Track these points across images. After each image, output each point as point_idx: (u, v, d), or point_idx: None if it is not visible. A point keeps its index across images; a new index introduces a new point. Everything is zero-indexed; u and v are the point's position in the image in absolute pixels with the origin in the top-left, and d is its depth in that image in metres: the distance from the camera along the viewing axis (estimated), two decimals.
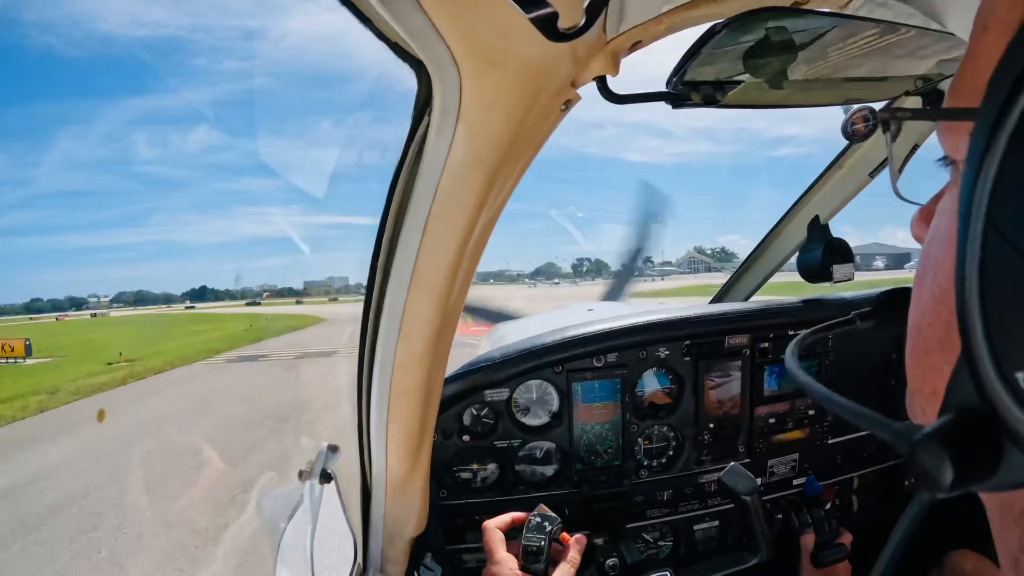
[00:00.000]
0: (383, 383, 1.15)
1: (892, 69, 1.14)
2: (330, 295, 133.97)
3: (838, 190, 2.15)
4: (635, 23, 0.78)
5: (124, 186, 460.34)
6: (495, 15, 0.66)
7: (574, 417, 1.70)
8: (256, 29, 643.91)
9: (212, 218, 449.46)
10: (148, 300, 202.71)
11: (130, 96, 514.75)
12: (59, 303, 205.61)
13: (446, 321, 1.09)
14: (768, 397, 1.83)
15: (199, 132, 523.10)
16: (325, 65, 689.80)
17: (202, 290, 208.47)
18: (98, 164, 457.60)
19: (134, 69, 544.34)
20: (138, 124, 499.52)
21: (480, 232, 0.99)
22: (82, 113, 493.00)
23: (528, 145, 0.90)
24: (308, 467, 1.39)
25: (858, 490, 1.97)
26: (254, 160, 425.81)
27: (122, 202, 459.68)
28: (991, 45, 0.34)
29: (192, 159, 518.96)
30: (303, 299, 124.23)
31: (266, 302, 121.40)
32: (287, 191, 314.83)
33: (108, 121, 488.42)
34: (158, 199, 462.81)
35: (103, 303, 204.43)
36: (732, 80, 0.99)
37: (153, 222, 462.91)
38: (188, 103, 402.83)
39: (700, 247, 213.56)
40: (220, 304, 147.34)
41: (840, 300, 1.92)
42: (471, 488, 1.69)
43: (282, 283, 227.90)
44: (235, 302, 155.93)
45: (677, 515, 1.80)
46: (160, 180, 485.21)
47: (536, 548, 1.21)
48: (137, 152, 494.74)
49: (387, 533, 1.38)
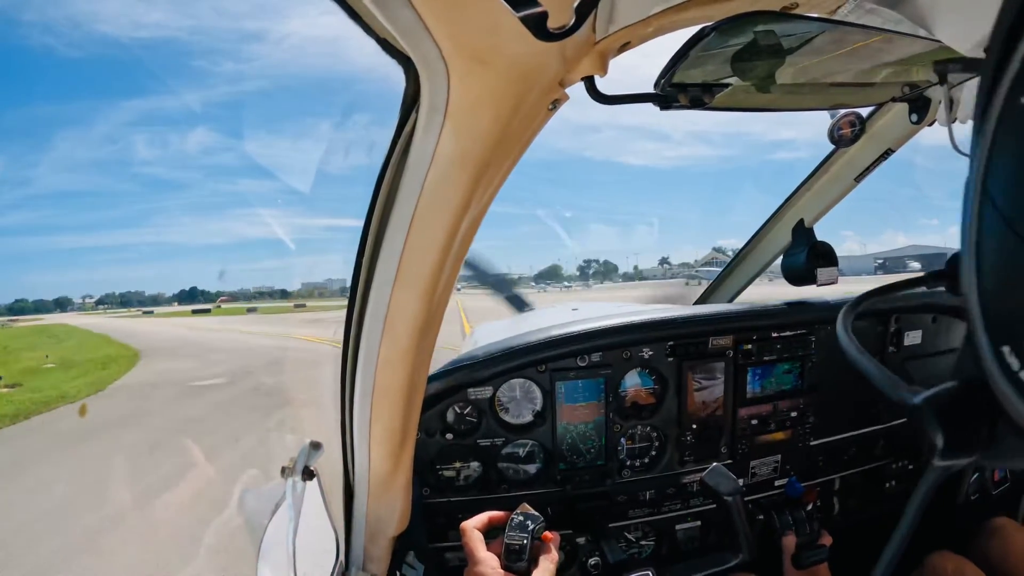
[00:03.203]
0: (367, 381, 1.14)
1: (879, 75, 1.14)
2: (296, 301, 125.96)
3: (823, 194, 2.18)
4: (624, 24, 0.77)
5: (123, 187, 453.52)
6: (485, 13, 0.66)
7: (557, 416, 1.70)
8: (253, 32, 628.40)
9: (210, 219, 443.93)
10: (135, 302, 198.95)
11: (129, 97, 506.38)
12: (44, 304, 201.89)
13: (430, 319, 1.08)
14: (751, 398, 1.84)
15: (197, 134, 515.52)
16: (318, 65, 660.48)
17: (192, 291, 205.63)
18: (96, 165, 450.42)
19: (134, 70, 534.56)
20: (136, 125, 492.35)
21: (466, 230, 0.99)
22: (80, 114, 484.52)
23: (515, 144, 0.90)
24: (290, 464, 1.38)
25: (839, 492, 2.00)
26: (254, 160, 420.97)
27: (121, 203, 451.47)
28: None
29: (191, 160, 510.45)
30: (255, 304, 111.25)
31: (221, 310, 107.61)
32: (277, 191, 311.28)
33: (107, 122, 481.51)
34: (156, 200, 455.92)
35: (88, 304, 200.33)
36: (720, 83, 0.99)
37: (152, 223, 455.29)
38: (185, 103, 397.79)
39: (720, 247, 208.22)
40: (169, 310, 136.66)
41: (824, 303, 1.93)
42: (454, 486, 1.68)
43: (277, 284, 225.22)
44: (182, 307, 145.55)
45: (659, 515, 1.81)
46: (158, 181, 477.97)
47: (519, 546, 1.21)
48: (135, 153, 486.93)
49: (370, 531, 1.37)
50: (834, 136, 1.61)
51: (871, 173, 2.08)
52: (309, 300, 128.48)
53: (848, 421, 1.96)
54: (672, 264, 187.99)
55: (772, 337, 1.84)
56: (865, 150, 1.99)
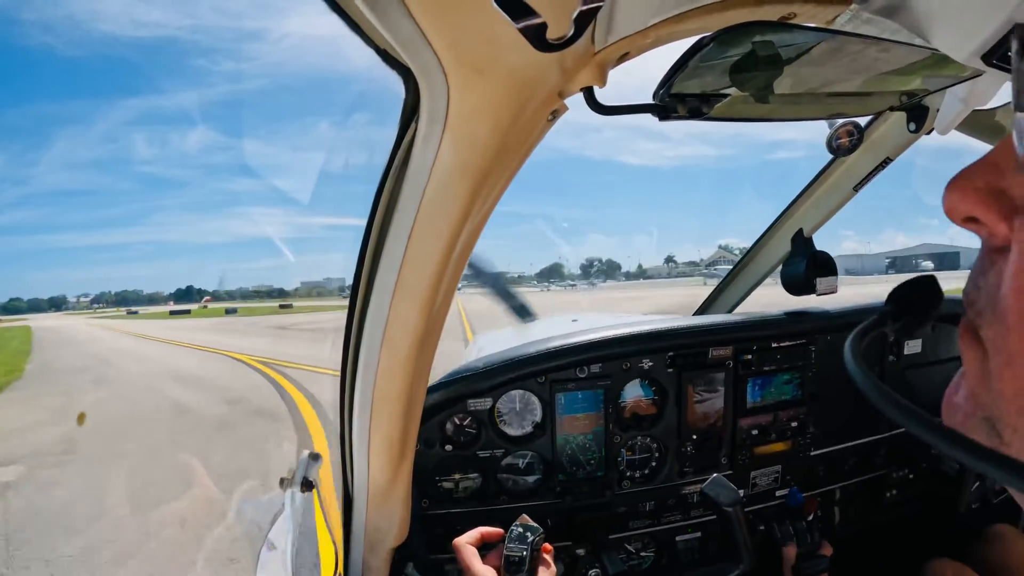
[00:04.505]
0: (366, 391, 1.14)
1: (877, 85, 1.15)
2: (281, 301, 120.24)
3: (822, 203, 2.18)
4: (623, 35, 0.78)
5: (122, 186, 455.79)
6: (484, 23, 0.66)
7: (557, 427, 1.69)
8: (254, 31, 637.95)
9: (209, 218, 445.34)
10: (131, 300, 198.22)
11: (128, 96, 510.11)
12: (38, 303, 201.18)
13: (429, 329, 1.08)
14: (751, 409, 1.83)
15: (196, 132, 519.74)
16: (319, 71, 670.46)
17: (188, 290, 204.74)
18: (95, 163, 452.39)
19: (133, 69, 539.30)
20: (136, 124, 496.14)
21: (465, 241, 0.99)
22: (80, 113, 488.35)
23: (514, 154, 0.90)
24: (289, 475, 1.37)
25: (840, 502, 1.98)
26: (253, 160, 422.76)
27: (120, 201, 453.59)
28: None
29: (190, 159, 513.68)
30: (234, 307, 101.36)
31: (203, 311, 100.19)
32: (276, 193, 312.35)
33: (106, 120, 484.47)
34: (155, 199, 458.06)
35: (82, 303, 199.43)
36: (718, 93, 1.00)
37: (151, 222, 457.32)
38: (184, 104, 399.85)
39: (727, 245, 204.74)
40: (154, 309, 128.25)
41: (824, 313, 1.93)
42: (453, 498, 1.67)
43: (276, 284, 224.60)
44: (178, 306, 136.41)
45: (659, 526, 1.80)
46: (157, 180, 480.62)
47: (518, 558, 1.20)
48: (135, 152, 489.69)
49: (368, 542, 1.36)
50: (832, 146, 1.61)
51: (870, 182, 2.08)
52: (307, 300, 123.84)
53: (848, 431, 1.95)
54: (678, 263, 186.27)
55: (772, 347, 1.84)
56: (864, 159, 1.99)
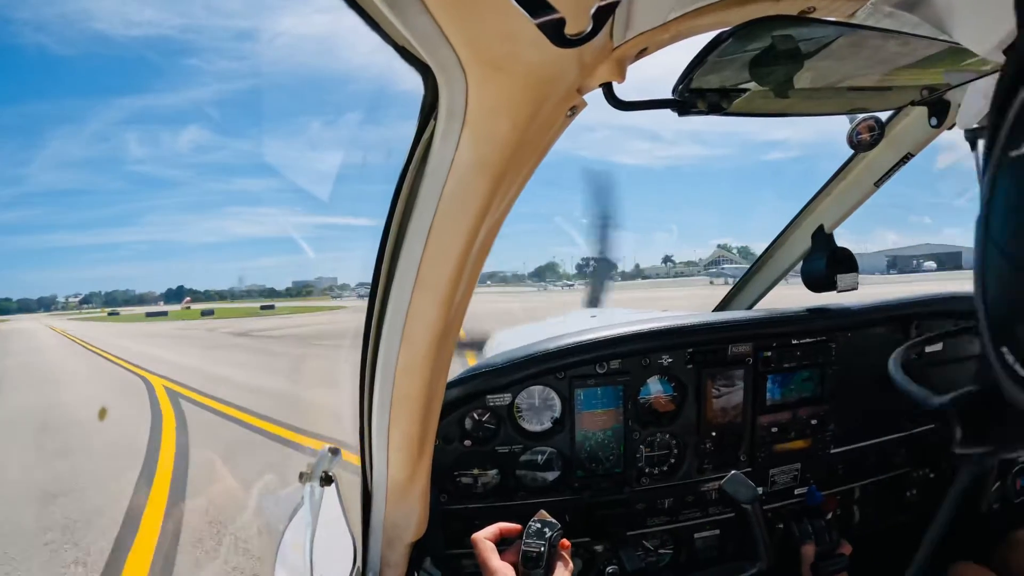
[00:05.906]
0: (385, 387, 1.15)
1: (898, 79, 1.13)
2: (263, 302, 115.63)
3: (843, 199, 2.15)
4: (641, 30, 0.78)
5: (116, 185, 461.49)
6: (502, 20, 0.66)
7: (576, 423, 1.70)
8: (265, 29, 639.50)
9: (204, 218, 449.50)
10: (120, 301, 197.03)
11: (122, 95, 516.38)
12: (27, 303, 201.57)
13: (449, 326, 1.09)
14: (771, 406, 1.82)
15: (191, 132, 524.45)
16: (336, 67, 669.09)
17: (180, 290, 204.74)
18: (89, 163, 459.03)
19: (127, 68, 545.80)
20: (129, 123, 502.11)
21: (484, 237, 0.99)
22: (73, 112, 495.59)
23: (533, 151, 0.90)
24: (309, 469, 1.39)
25: (859, 501, 1.96)
26: (253, 161, 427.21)
27: (114, 201, 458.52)
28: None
29: (183, 159, 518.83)
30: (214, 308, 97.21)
31: (184, 312, 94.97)
32: (285, 192, 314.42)
33: (99, 120, 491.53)
34: (149, 198, 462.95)
35: (71, 303, 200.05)
36: (738, 88, 0.99)
37: (145, 221, 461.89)
38: (177, 103, 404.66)
39: (724, 244, 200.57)
40: (136, 310, 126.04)
41: (845, 309, 1.91)
42: (472, 493, 1.68)
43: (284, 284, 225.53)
44: (169, 306, 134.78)
45: (678, 523, 1.80)
46: (151, 179, 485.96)
47: (536, 554, 1.21)
48: (128, 151, 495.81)
49: (387, 537, 1.37)
50: (853, 141, 1.59)
51: (891, 178, 2.05)
52: (297, 299, 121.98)
53: (868, 429, 1.93)
54: (676, 262, 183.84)
55: (792, 344, 1.82)
56: (884, 154, 1.96)
